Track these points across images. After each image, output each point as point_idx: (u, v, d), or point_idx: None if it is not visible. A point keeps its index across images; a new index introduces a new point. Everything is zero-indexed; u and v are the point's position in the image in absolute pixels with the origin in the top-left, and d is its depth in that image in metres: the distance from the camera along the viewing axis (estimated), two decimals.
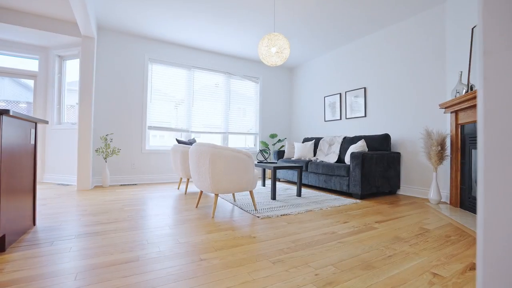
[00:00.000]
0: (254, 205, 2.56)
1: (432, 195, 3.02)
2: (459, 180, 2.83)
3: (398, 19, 3.66)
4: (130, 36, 4.33)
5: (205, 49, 4.96)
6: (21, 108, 4.47)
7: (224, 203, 2.89)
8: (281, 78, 5.99)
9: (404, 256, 1.52)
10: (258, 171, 5.67)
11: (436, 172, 3.02)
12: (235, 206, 2.76)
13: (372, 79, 4.16)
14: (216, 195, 2.37)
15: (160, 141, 4.70)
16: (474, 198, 2.56)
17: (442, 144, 2.93)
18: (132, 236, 1.79)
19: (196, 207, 2.71)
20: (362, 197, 3.26)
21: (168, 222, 2.16)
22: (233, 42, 4.59)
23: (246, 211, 2.55)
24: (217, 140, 5.23)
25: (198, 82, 4.98)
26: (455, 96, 2.73)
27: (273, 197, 3.10)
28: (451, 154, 2.93)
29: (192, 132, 4.91)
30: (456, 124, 2.86)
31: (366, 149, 3.52)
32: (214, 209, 2.34)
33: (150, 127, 4.52)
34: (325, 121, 5.08)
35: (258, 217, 2.34)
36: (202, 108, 5.01)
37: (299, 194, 3.34)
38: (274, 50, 2.89)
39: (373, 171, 3.30)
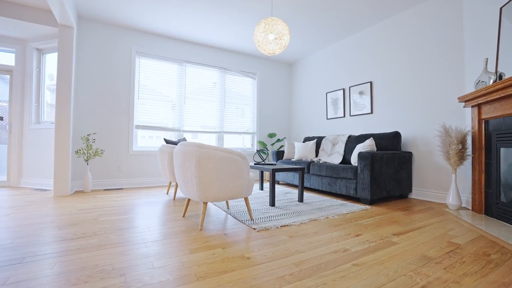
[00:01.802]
0: (250, 214, 2.20)
1: (451, 199, 2.68)
2: (483, 183, 2.48)
3: (407, 5, 3.32)
4: (116, 27, 3.97)
5: (198, 42, 4.61)
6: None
7: (216, 211, 2.54)
8: (279, 73, 5.64)
9: (443, 287, 1.17)
10: (255, 173, 5.32)
11: (455, 173, 2.67)
12: (228, 215, 2.41)
13: (378, 73, 3.82)
14: (205, 203, 2.01)
15: (149, 142, 4.34)
16: (505, 205, 2.22)
17: (463, 142, 2.59)
18: (94, 259, 1.43)
19: (183, 216, 2.36)
20: (371, 202, 2.92)
21: (147, 237, 1.80)
22: (228, 34, 4.24)
23: (241, 221, 2.19)
24: (211, 140, 4.88)
25: (190, 78, 4.62)
26: (478, 87, 2.39)
27: (272, 203, 2.75)
28: (473, 153, 2.59)
29: (184, 131, 4.55)
30: (479, 119, 2.51)
31: (375, 149, 3.17)
32: (202, 220, 1.98)
33: (138, 126, 4.15)
34: (327, 119, 4.73)
35: (255, 229, 1.99)
36: (194, 106, 4.66)
37: (300, 199, 2.99)
38: (272, 36, 2.54)
39: (383, 173, 2.95)
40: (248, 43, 4.61)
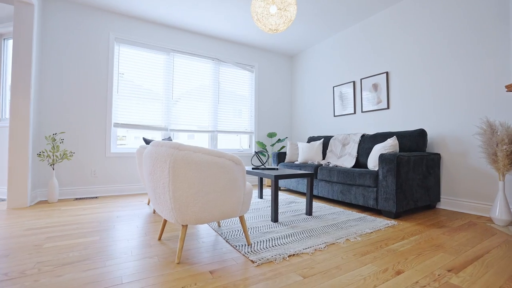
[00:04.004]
0: (247, 238, 1.65)
1: (498, 213, 2.14)
2: None
3: None
4: (90, 8, 3.40)
5: (188, 29, 4.05)
6: None
7: (202, 231, 1.98)
8: (280, 66, 5.10)
9: None
10: (253, 178, 4.76)
11: (503, 180, 2.14)
12: (219, 236, 1.85)
13: (396, 62, 3.29)
14: (184, 227, 1.45)
15: (131, 143, 3.76)
16: None
17: None
18: None
19: (159, 239, 1.79)
20: (397, 215, 2.37)
21: (96, 280, 1.24)
22: (222, 19, 3.69)
23: (235, 248, 1.63)
24: (204, 141, 4.32)
25: (179, 69, 4.07)
26: None
27: (275, 218, 2.19)
28: None
29: (172, 130, 3.99)
30: None
31: (398, 150, 2.63)
32: (180, 251, 1.42)
33: (117, 125, 3.58)
34: (334, 116, 4.20)
35: (253, 261, 1.43)
36: (184, 102, 4.09)
37: (309, 212, 2.44)
38: (275, 8, 2.00)
39: (410, 179, 2.41)
40: (246, 31, 4.07)
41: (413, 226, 2.14)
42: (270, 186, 4.36)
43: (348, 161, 3.26)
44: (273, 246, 1.65)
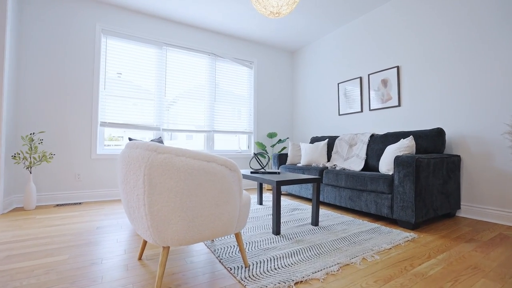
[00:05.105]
0: (244, 258, 1.36)
1: None
2: None
3: None
4: None
5: (182, 21, 3.77)
6: None
7: (191, 246, 1.69)
8: (280, 62, 4.82)
9: None
10: (251, 181, 4.47)
11: None
12: (211, 255, 1.56)
13: (408, 55, 3.01)
14: (165, 248, 1.16)
15: (121, 143, 3.47)
16: None
17: None
18: None
19: (139, 259, 1.50)
20: (415, 226, 2.09)
21: None
22: (219, 11, 3.40)
23: (229, 271, 1.34)
24: (199, 141, 4.03)
25: (173, 64, 3.78)
26: None
27: (277, 231, 1.90)
28: None
29: (164, 130, 3.69)
30: None
31: (414, 151, 2.35)
32: (160, 278, 1.13)
33: (104, 124, 3.29)
34: (339, 114, 3.91)
35: None
36: (178, 99, 3.81)
37: (315, 222, 2.15)
38: None
39: (430, 184, 2.13)
40: (244, 24, 3.79)
41: (436, 239, 1.85)
42: (270, 189, 4.07)
43: (356, 164, 2.98)
44: (275, 269, 1.36)
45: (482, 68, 2.39)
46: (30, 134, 2.70)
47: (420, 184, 2.04)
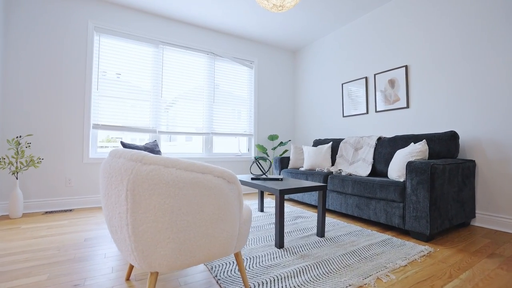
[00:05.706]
0: (245, 281, 1.20)
1: None
2: None
3: None
4: None
5: (180, 19, 3.61)
6: None
7: None
8: (282, 62, 4.66)
9: None
10: (250, 189, 4.30)
11: None
12: (208, 273, 1.40)
13: (418, 53, 2.86)
14: (153, 273, 1.00)
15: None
16: None
17: None
18: None
19: (127, 279, 1.34)
20: (430, 238, 1.93)
21: None
22: (219, 7, 3.25)
23: None
24: (197, 144, 3.87)
25: (170, 64, 3.62)
26: None
27: (280, 244, 1.74)
28: None
29: (161, 132, 3.54)
30: None
31: (427, 156, 2.19)
32: None
33: (97, 126, 3.13)
34: (343, 116, 3.76)
35: None
36: (175, 100, 3.65)
37: (321, 233, 1.99)
38: None
39: (445, 193, 1.97)
40: (244, 22, 3.63)
41: (454, 254, 1.69)
42: (272, 194, 3.91)
43: (362, 168, 2.82)
44: None
45: (500, 66, 2.23)
46: (17, 137, 2.54)
47: (435, 193, 1.88)
